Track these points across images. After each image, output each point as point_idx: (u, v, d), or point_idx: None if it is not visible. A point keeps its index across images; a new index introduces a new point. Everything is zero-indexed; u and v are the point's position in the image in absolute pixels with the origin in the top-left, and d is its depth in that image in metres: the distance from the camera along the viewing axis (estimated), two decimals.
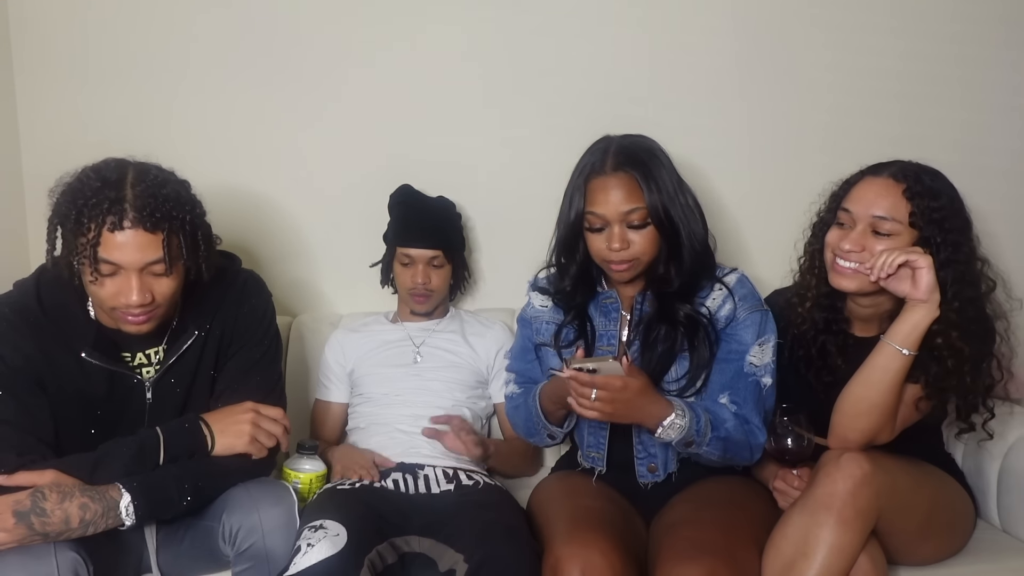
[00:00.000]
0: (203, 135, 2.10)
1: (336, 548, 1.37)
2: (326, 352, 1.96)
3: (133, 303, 1.36)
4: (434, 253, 1.89)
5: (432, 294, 1.91)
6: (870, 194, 1.49)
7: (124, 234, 1.33)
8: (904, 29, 2.13)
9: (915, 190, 1.46)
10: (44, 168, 1.45)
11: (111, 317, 1.43)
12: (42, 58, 2.08)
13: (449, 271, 1.94)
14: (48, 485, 1.30)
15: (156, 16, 2.07)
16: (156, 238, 1.35)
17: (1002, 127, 2.17)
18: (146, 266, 1.36)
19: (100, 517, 1.31)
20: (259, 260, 2.13)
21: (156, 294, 1.39)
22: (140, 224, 1.34)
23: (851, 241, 1.48)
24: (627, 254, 1.54)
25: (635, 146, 1.58)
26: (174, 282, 1.41)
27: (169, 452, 1.40)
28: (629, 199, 1.52)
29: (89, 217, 1.33)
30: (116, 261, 1.34)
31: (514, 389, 1.74)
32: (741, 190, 2.15)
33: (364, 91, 2.12)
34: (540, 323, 1.72)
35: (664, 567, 1.38)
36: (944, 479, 1.60)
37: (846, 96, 2.14)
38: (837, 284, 1.53)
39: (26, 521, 1.26)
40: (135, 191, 1.35)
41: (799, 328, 1.62)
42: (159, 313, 1.42)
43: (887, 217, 1.46)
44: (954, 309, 1.43)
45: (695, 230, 1.58)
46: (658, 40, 2.13)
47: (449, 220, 1.98)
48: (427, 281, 1.89)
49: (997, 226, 2.12)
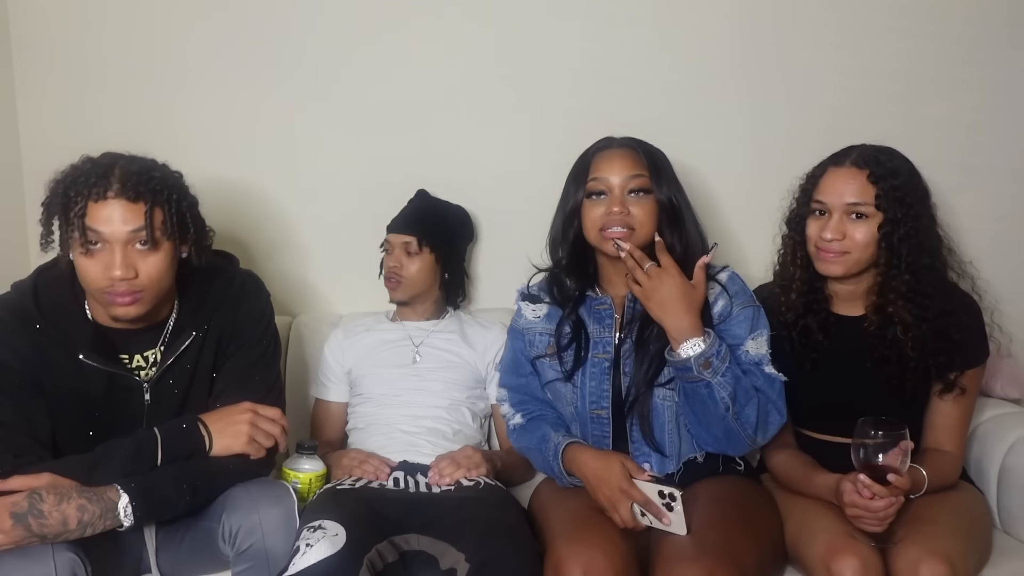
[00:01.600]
0: (203, 135, 2.10)
1: (335, 548, 1.37)
2: (325, 351, 1.96)
3: (116, 277, 1.37)
4: (407, 238, 1.89)
5: (403, 281, 1.89)
6: (839, 183, 1.58)
7: (108, 204, 1.37)
8: (904, 29, 2.13)
9: (878, 173, 1.55)
10: (44, 166, 1.46)
11: (101, 302, 1.42)
12: (42, 57, 2.08)
13: (429, 264, 1.90)
14: (45, 487, 1.30)
15: (155, 15, 2.08)
16: (139, 208, 1.38)
17: (1003, 127, 2.17)
18: (130, 238, 1.38)
19: (98, 518, 1.31)
20: (259, 260, 2.13)
21: (141, 271, 1.39)
22: (123, 194, 1.37)
23: (831, 230, 1.57)
24: (626, 219, 1.57)
25: (639, 139, 1.66)
26: (160, 262, 1.42)
27: (167, 453, 1.40)
28: (632, 167, 1.60)
29: (76, 191, 1.38)
30: (100, 230, 1.37)
31: (518, 421, 1.73)
32: (739, 190, 2.15)
33: (364, 91, 2.12)
34: (533, 335, 1.72)
35: (664, 567, 1.38)
36: (973, 506, 1.61)
37: (846, 97, 2.13)
38: (825, 271, 1.61)
39: (24, 523, 1.26)
40: (122, 169, 1.40)
41: (784, 317, 1.66)
42: (148, 297, 1.42)
43: (860, 202, 1.56)
44: (904, 281, 1.55)
45: (695, 217, 1.65)
46: (657, 41, 2.12)
47: (437, 216, 1.97)
48: (398, 266, 1.89)
49: (997, 226, 2.13)
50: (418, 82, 2.13)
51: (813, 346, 1.64)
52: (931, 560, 1.35)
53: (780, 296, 1.68)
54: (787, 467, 1.64)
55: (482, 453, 1.77)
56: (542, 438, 1.66)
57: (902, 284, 1.55)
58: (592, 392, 1.62)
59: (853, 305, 1.66)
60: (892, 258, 1.55)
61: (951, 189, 1.87)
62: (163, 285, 1.45)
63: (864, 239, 1.55)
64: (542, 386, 1.72)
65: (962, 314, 1.59)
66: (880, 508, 1.39)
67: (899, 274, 1.55)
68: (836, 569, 1.37)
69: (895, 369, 1.58)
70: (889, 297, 1.57)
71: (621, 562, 1.38)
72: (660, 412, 1.58)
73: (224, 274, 1.60)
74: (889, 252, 1.55)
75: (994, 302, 1.69)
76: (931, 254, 1.58)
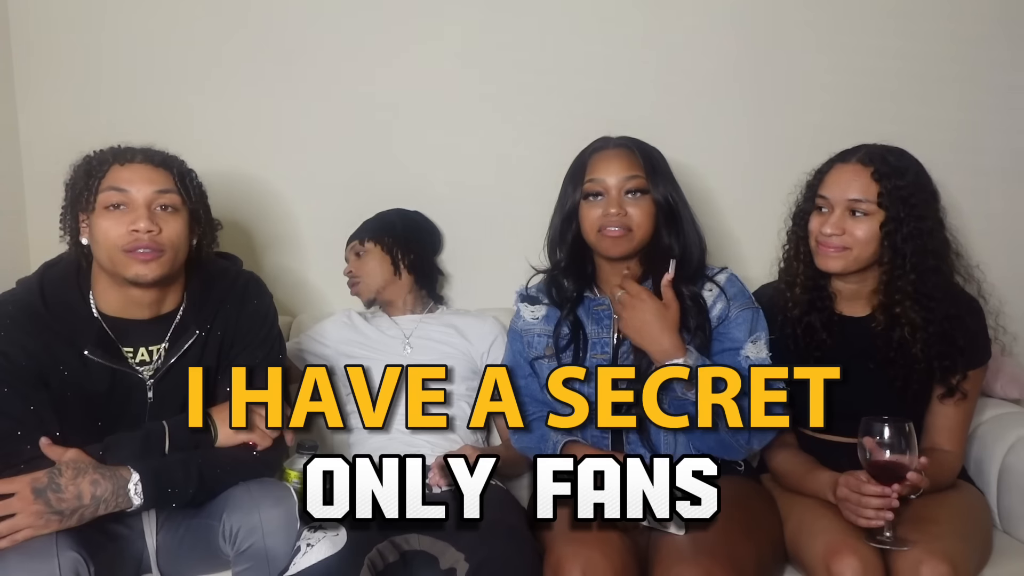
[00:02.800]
0: (204, 134, 2.10)
1: (336, 548, 1.37)
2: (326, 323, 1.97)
3: (141, 228, 1.40)
4: (352, 243, 2.00)
5: (360, 280, 1.97)
6: (843, 180, 1.59)
7: (134, 166, 1.45)
8: (900, 29, 2.13)
9: (882, 171, 1.56)
10: (44, 166, 1.47)
11: (120, 264, 1.43)
12: (42, 57, 2.08)
13: (377, 255, 1.95)
14: (66, 461, 1.34)
15: (156, 14, 2.08)
16: (163, 172, 1.46)
17: (1000, 126, 2.17)
18: (154, 198, 1.44)
19: (111, 495, 1.34)
20: (259, 260, 2.14)
21: (164, 229, 1.43)
22: (148, 160, 1.46)
23: (832, 225, 1.57)
24: (623, 220, 1.58)
25: (636, 139, 1.66)
26: (181, 227, 1.46)
27: (174, 442, 1.42)
28: (629, 167, 1.60)
29: (100, 161, 1.45)
30: (126, 188, 1.42)
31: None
32: (736, 190, 2.16)
33: (365, 91, 2.13)
34: (532, 336, 1.72)
35: (663, 567, 1.38)
36: (974, 506, 1.61)
37: (843, 96, 2.13)
38: (825, 266, 1.61)
39: (44, 498, 1.30)
40: (143, 147, 1.49)
41: (790, 312, 1.67)
42: (167, 259, 1.44)
43: (861, 199, 1.56)
44: (911, 281, 1.54)
45: (692, 216, 1.65)
46: (653, 40, 2.13)
47: (373, 217, 2.02)
48: (353, 270, 1.99)
49: (996, 226, 2.13)
50: (419, 82, 2.13)
51: (817, 344, 1.65)
52: (932, 560, 1.35)
53: (785, 291, 1.69)
54: (787, 466, 1.64)
55: (481, 451, 1.77)
56: (542, 437, 1.66)
57: (908, 285, 1.55)
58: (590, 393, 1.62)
59: (857, 305, 1.66)
60: (896, 257, 1.55)
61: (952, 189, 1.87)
62: (180, 253, 1.48)
63: (865, 236, 1.56)
64: (541, 387, 1.72)
65: (966, 317, 1.59)
66: (873, 494, 1.39)
67: (904, 274, 1.55)
68: (836, 569, 1.37)
69: (899, 371, 1.58)
70: (895, 298, 1.57)
71: (620, 562, 1.38)
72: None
73: (227, 274, 1.60)
74: (892, 251, 1.55)
75: (999, 304, 1.69)
76: (936, 256, 1.57)
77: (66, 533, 1.31)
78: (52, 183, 1.53)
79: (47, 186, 1.51)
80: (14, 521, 1.28)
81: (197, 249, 1.53)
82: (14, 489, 1.30)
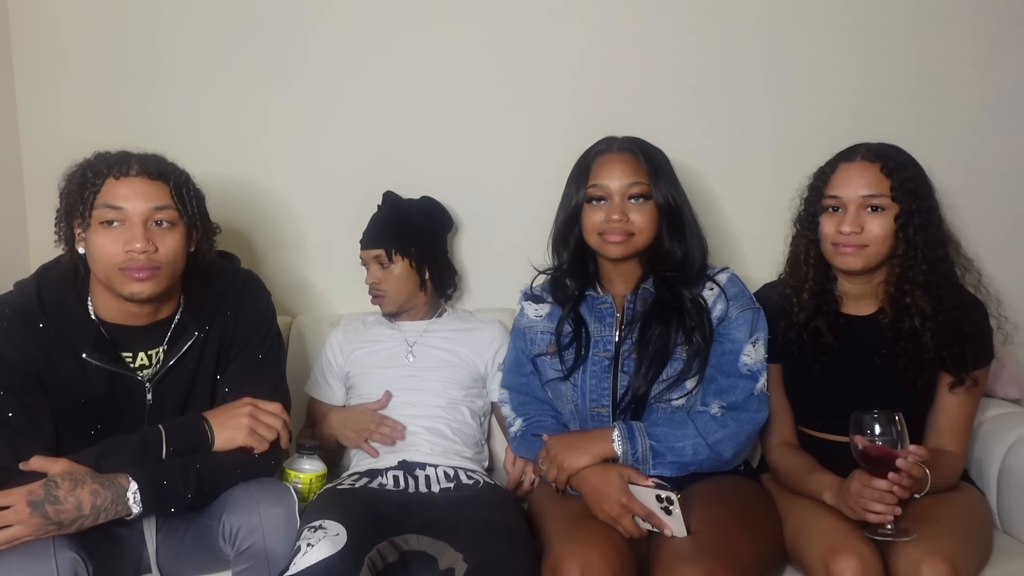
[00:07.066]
0: (205, 134, 2.10)
1: (336, 548, 1.37)
2: (326, 351, 1.96)
3: (137, 248, 1.38)
4: (377, 252, 1.89)
5: (387, 294, 1.89)
6: (852, 177, 1.58)
7: (129, 181, 1.41)
8: (901, 29, 2.13)
9: (890, 166, 1.56)
10: (44, 166, 1.47)
11: (116, 282, 1.41)
12: (42, 56, 2.08)
13: (405, 270, 1.88)
14: (60, 474, 1.32)
15: (155, 14, 2.08)
16: (159, 186, 1.42)
17: (1000, 127, 2.16)
18: (150, 215, 1.41)
19: (110, 503, 1.32)
20: (259, 260, 2.14)
21: (160, 247, 1.41)
22: (144, 173, 1.42)
23: (849, 223, 1.56)
24: (624, 226, 1.58)
25: (640, 140, 1.67)
26: (177, 242, 1.44)
27: (171, 446, 1.42)
28: (632, 173, 1.61)
29: (94, 172, 1.41)
30: (121, 206, 1.39)
31: (518, 427, 1.73)
32: (737, 190, 2.15)
33: (365, 92, 2.13)
34: (535, 333, 1.73)
35: (663, 567, 1.38)
36: (974, 506, 1.60)
37: (848, 97, 2.13)
38: (845, 265, 1.60)
39: (41, 510, 1.28)
40: (138, 156, 1.45)
41: (796, 317, 1.66)
42: (164, 275, 1.43)
43: (876, 194, 1.56)
44: (922, 271, 1.55)
45: (694, 218, 1.65)
46: (654, 39, 2.13)
47: (401, 219, 1.93)
48: (378, 281, 1.89)
49: (996, 226, 2.13)
50: (419, 83, 2.13)
51: (822, 349, 1.63)
52: (932, 560, 1.35)
53: (792, 296, 1.67)
54: (787, 465, 1.64)
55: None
56: (533, 431, 1.67)
57: (919, 274, 1.56)
58: (592, 390, 1.62)
59: (862, 304, 1.66)
60: (909, 249, 1.56)
61: (956, 189, 1.87)
62: (177, 268, 1.46)
63: (882, 231, 1.56)
64: (542, 385, 1.72)
65: (972, 309, 1.60)
66: (883, 488, 1.38)
67: (916, 264, 1.56)
68: (835, 569, 1.37)
69: (907, 363, 1.58)
70: (905, 288, 1.57)
71: (619, 562, 1.38)
72: (658, 411, 1.59)
73: (226, 274, 1.60)
74: (906, 243, 1.56)
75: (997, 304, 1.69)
76: (943, 245, 1.60)
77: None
78: (52, 184, 1.52)
79: (47, 187, 1.50)
80: (11, 532, 1.27)
81: (194, 255, 1.51)
82: (10, 502, 1.28)
